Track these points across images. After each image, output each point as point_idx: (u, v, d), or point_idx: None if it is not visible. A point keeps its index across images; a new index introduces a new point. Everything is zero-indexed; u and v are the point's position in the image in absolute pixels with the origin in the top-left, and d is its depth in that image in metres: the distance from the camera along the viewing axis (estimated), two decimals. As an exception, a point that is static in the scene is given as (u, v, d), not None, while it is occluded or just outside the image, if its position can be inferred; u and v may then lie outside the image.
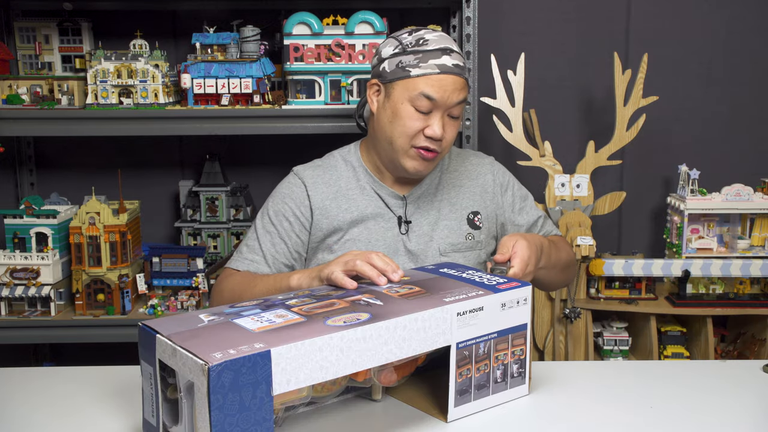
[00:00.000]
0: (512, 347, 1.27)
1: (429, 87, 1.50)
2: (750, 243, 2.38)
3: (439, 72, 1.51)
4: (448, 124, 1.55)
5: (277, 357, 0.97)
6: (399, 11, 2.50)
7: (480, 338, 1.21)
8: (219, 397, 0.93)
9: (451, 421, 1.21)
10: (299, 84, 2.25)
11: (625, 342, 2.42)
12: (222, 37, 2.25)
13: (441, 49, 1.52)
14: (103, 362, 1.54)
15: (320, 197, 1.63)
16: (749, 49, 2.60)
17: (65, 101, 2.29)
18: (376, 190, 1.64)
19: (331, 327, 1.05)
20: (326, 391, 1.20)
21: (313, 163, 1.70)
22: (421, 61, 1.51)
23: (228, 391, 0.94)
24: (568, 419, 1.25)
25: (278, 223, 1.63)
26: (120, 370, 1.46)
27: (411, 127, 1.53)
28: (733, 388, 1.37)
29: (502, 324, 1.24)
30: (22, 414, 1.27)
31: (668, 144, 2.63)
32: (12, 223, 2.25)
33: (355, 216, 1.62)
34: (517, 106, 2.37)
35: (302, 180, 1.65)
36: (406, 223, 1.63)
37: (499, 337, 1.24)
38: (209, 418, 0.93)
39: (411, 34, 1.56)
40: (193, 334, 1.03)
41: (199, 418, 0.96)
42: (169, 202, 2.67)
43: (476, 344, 1.21)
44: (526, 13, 2.58)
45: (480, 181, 1.69)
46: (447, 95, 1.51)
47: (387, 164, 1.63)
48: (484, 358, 1.23)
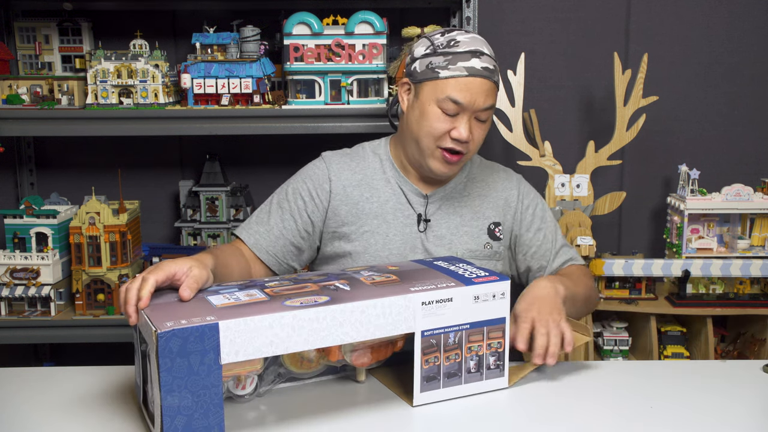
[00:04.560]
0: (488, 339, 1.29)
1: (456, 91, 1.50)
2: (750, 243, 2.38)
3: (467, 75, 1.50)
4: (476, 127, 1.55)
5: (226, 330, 1.07)
6: (399, 11, 2.50)
7: (449, 328, 1.25)
8: (167, 360, 1.04)
9: (416, 405, 1.25)
10: (299, 84, 2.25)
11: (625, 342, 2.42)
12: (222, 37, 2.25)
13: (471, 52, 1.52)
14: (103, 362, 1.54)
15: (343, 183, 1.64)
16: (749, 49, 2.60)
17: (65, 101, 2.29)
18: (400, 185, 1.65)
19: (287, 307, 1.14)
20: (305, 368, 1.32)
21: (342, 150, 1.72)
22: (450, 63, 1.51)
23: (176, 356, 1.05)
24: (568, 419, 1.25)
25: (293, 200, 1.64)
26: (120, 370, 1.46)
27: (437, 129, 1.53)
28: (733, 388, 1.37)
29: (475, 316, 1.27)
30: (22, 414, 1.27)
31: (668, 144, 2.63)
32: (12, 223, 2.25)
33: (376, 207, 1.62)
34: (517, 106, 2.37)
35: (327, 164, 1.66)
36: (425, 222, 1.63)
37: (473, 328, 1.27)
38: (158, 379, 1.05)
39: (444, 35, 1.56)
40: (166, 307, 1.14)
41: (154, 378, 1.07)
42: (169, 202, 2.67)
43: (445, 333, 1.24)
44: (526, 13, 2.58)
45: (505, 195, 1.69)
46: (474, 99, 1.51)
47: (413, 162, 1.64)
48: (454, 347, 1.26)
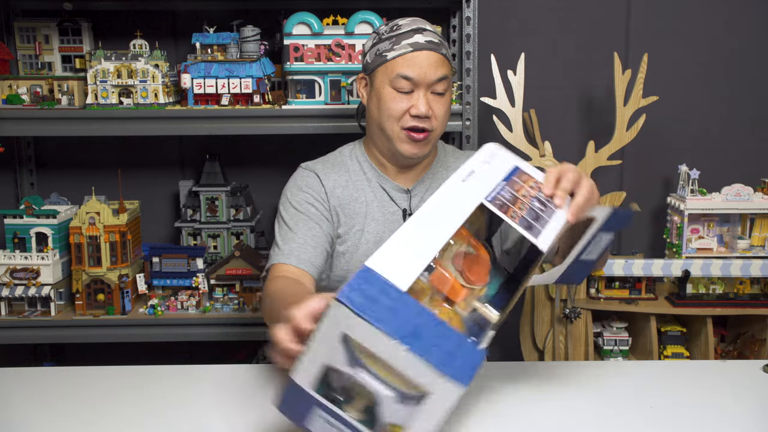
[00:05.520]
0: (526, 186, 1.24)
1: (404, 67, 1.53)
2: (750, 243, 2.38)
3: (412, 50, 1.54)
4: (434, 101, 1.56)
5: (377, 264, 0.97)
6: (399, 11, 2.49)
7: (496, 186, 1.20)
8: (368, 311, 0.92)
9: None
10: (299, 84, 2.25)
11: (625, 342, 2.42)
12: (222, 37, 2.25)
13: (413, 30, 1.56)
14: (103, 362, 1.54)
15: (332, 185, 1.63)
16: (749, 49, 2.60)
17: (65, 101, 2.29)
18: (381, 184, 1.66)
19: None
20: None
21: (318, 159, 1.70)
22: (395, 44, 1.55)
23: (371, 303, 0.93)
24: (567, 419, 1.25)
25: (305, 210, 1.58)
26: (120, 370, 1.46)
27: (396, 109, 1.55)
28: (733, 388, 1.37)
29: (495, 177, 1.22)
30: (22, 414, 1.27)
31: (668, 144, 2.63)
32: (12, 223, 2.25)
33: (363, 207, 1.63)
34: (517, 106, 2.37)
35: (313, 170, 1.65)
36: (410, 216, 1.63)
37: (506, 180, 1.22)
38: (376, 329, 0.91)
39: (387, 24, 1.61)
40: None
41: (370, 335, 0.92)
42: (169, 202, 2.67)
43: (497, 194, 1.18)
44: (526, 13, 2.58)
45: None
46: (423, 72, 1.53)
47: (386, 154, 1.64)
48: (513, 201, 1.20)
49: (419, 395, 0.94)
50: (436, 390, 0.92)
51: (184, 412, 1.27)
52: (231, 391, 1.36)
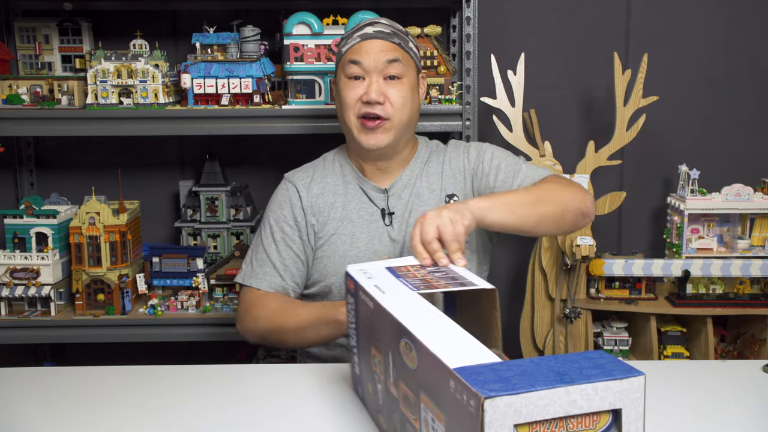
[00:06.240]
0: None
1: (353, 54, 1.59)
2: (750, 243, 2.38)
3: (360, 40, 1.59)
4: (388, 86, 1.59)
5: (456, 363, 0.90)
6: (399, 11, 2.49)
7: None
8: (512, 386, 0.85)
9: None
10: (299, 84, 2.25)
11: (625, 342, 2.42)
12: (222, 37, 2.25)
13: (366, 24, 1.62)
14: (103, 362, 1.54)
15: (310, 197, 1.68)
16: (749, 49, 2.60)
17: (65, 101, 2.29)
18: (359, 184, 1.69)
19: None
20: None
21: (303, 166, 1.77)
22: (348, 39, 1.61)
23: (504, 383, 0.85)
24: (568, 419, 1.25)
25: (279, 230, 1.68)
26: (120, 370, 1.46)
27: (348, 97, 1.59)
28: (733, 388, 1.37)
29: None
30: (22, 414, 1.27)
31: (668, 144, 2.62)
32: (12, 223, 2.25)
33: (340, 211, 1.66)
34: (517, 106, 2.37)
35: (293, 183, 1.71)
36: (389, 215, 1.65)
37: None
38: (533, 392, 0.83)
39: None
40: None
41: (532, 405, 0.84)
42: (169, 202, 2.67)
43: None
44: (526, 13, 2.58)
45: (456, 164, 1.71)
46: (371, 57, 1.57)
47: (357, 152, 1.67)
48: (426, 282, 1.22)
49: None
50: (624, 400, 0.86)
51: (184, 412, 1.27)
52: (231, 391, 1.36)
